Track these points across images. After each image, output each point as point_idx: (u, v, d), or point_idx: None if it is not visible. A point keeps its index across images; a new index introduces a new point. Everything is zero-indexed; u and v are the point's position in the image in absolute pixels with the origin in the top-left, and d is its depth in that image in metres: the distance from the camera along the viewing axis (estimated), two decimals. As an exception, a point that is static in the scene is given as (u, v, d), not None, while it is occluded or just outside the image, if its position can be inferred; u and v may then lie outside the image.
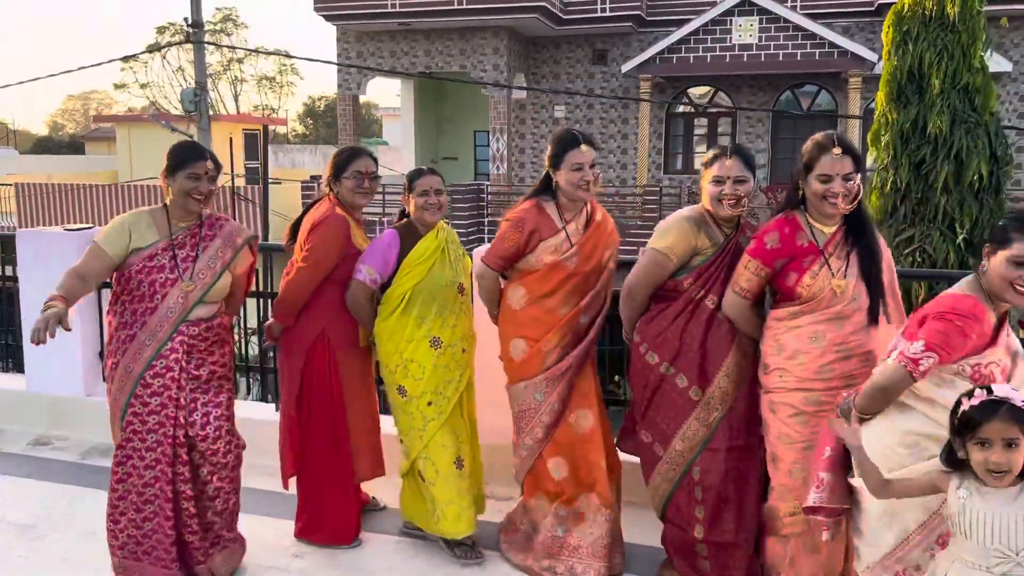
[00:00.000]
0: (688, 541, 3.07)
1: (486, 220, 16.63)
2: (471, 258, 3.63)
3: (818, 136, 2.75)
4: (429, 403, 3.32)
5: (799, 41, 16.95)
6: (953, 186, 7.83)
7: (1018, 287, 2.30)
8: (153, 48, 37.72)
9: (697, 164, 18.94)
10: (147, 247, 3.04)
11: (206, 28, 14.85)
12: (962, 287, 2.40)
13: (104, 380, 3.16)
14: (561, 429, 3.24)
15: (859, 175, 2.69)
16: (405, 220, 3.47)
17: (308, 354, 3.41)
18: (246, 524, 3.36)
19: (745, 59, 17.36)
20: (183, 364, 3.06)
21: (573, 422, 3.23)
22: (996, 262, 2.32)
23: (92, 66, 17.46)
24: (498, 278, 3.37)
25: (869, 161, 8.38)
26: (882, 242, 2.82)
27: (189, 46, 14.58)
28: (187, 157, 3.05)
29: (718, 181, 2.97)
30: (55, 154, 35.16)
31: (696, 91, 19.14)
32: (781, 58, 17.15)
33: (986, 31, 7.94)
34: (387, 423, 3.66)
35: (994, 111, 7.90)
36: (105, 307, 4.92)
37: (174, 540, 3.08)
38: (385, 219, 14.03)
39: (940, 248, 7.74)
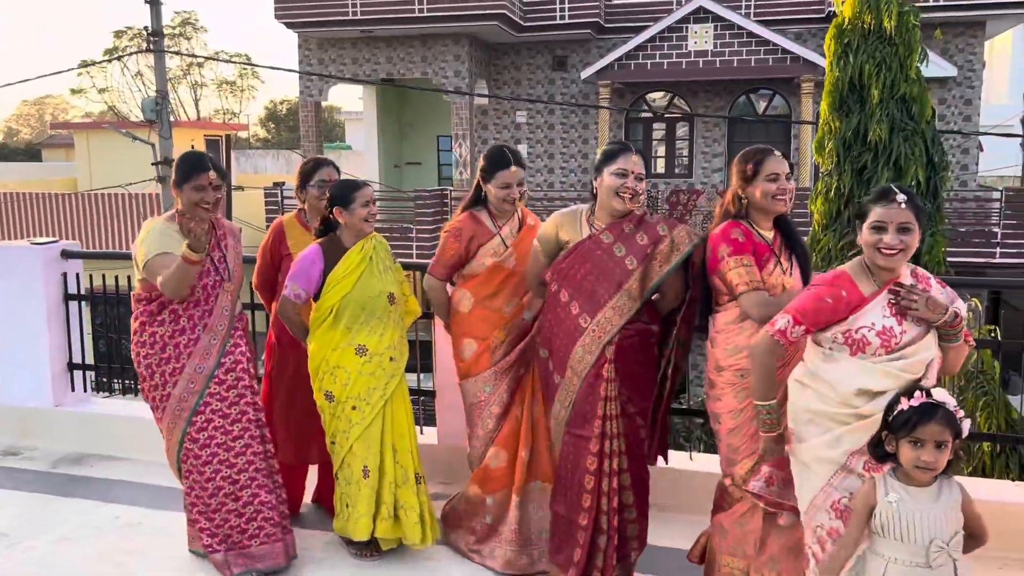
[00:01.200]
0: None
1: (449, 225, 16.78)
2: (401, 269, 3.71)
3: (756, 146, 3.05)
4: (354, 407, 3.43)
5: (753, 47, 17.35)
6: (893, 191, 8.17)
7: (881, 249, 2.51)
8: (111, 54, 37.32)
9: (657, 168, 19.36)
10: None
11: (165, 32, 14.84)
12: (851, 263, 2.65)
13: (148, 381, 3.33)
14: (509, 420, 3.49)
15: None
16: (330, 235, 3.52)
17: (269, 340, 3.88)
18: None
19: (701, 65, 17.73)
20: (247, 355, 3.42)
21: (518, 414, 3.49)
22: (863, 236, 2.56)
23: (52, 74, 17.34)
24: (445, 287, 3.61)
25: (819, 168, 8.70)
26: None
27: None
28: (190, 170, 3.23)
29: (621, 174, 3.12)
30: (11, 160, 34.58)
31: (654, 96, 19.50)
32: (736, 64, 17.54)
33: (922, 43, 8.32)
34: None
35: (930, 119, 8.25)
36: (73, 318, 5.10)
37: (279, 512, 3.40)
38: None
39: (881, 251, 8.08)
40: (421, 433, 4.33)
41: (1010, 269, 15.02)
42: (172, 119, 15.44)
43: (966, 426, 2.29)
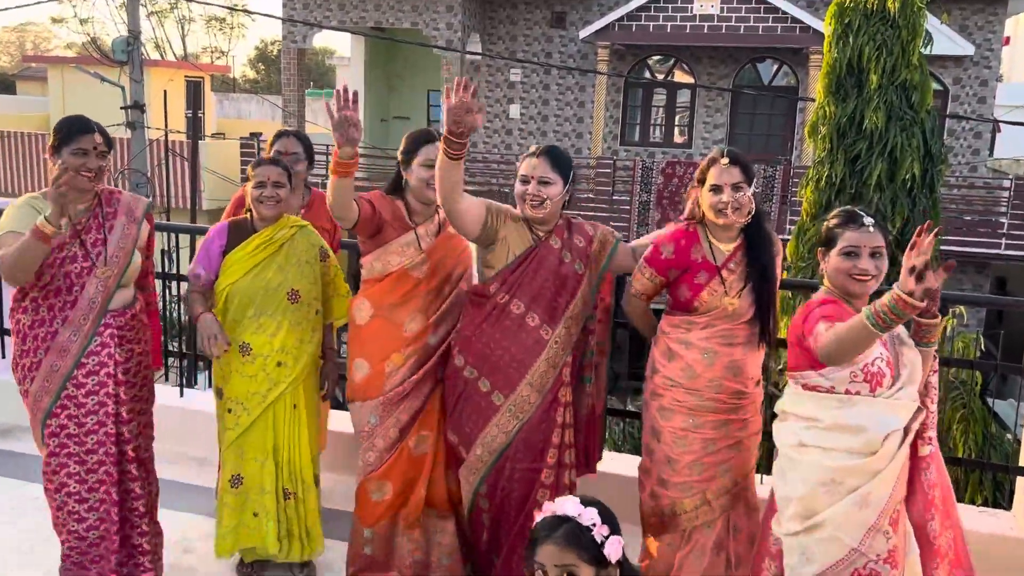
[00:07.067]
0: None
1: (432, 186, 16.17)
2: (336, 266, 3.37)
3: (715, 149, 2.84)
4: (229, 410, 3.16)
5: (761, 14, 16.53)
6: (887, 183, 7.73)
7: (855, 276, 2.41)
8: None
9: (655, 136, 18.64)
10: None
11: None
12: (818, 294, 2.53)
13: (15, 373, 2.97)
14: (395, 455, 3.08)
15: (750, 186, 2.75)
16: (244, 213, 3.26)
17: None
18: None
19: (706, 30, 16.91)
20: (116, 359, 2.94)
21: (412, 446, 3.09)
22: (832, 262, 2.46)
23: (31, 4, 16.54)
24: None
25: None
26: (778, 260, 2.90)
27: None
28: (72, 132, 2.81)
29: (524, 181, 2.94)
30: (-16, 91, 33.68)
31: (655, 60, 18.68)
32: (742, 31, 16.74)
33: (939, 17, 7.76)
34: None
35: (930, 109, 7.73)
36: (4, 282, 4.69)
37: (119, 544, 2.99)
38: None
39: (870, 247, 7.60)
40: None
41: (1015, 261, 14.45)
42: (150, 57, 14.75)
43: (612, 551, 1.87)
